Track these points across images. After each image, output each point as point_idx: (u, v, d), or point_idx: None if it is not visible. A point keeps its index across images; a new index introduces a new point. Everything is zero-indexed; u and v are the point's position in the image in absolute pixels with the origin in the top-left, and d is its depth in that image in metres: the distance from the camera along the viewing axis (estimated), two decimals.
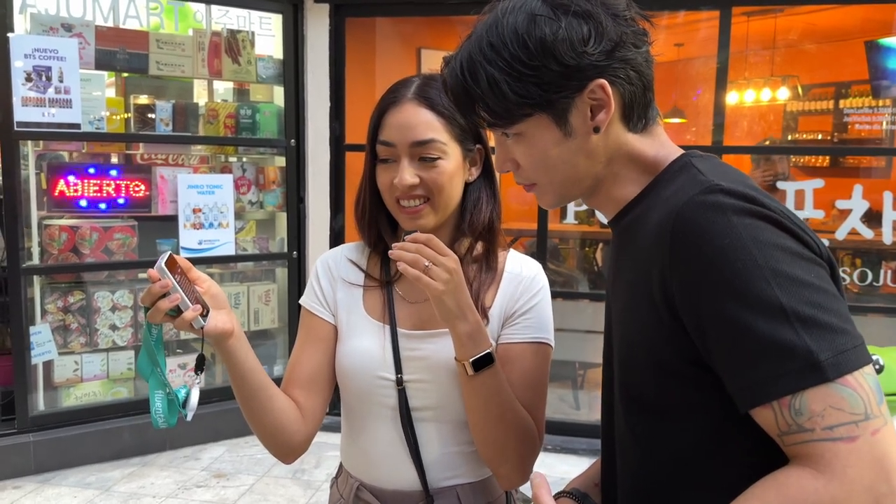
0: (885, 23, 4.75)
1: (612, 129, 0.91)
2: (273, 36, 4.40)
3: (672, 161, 0.93)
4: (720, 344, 0.78)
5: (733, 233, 0.76)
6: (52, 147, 3.98)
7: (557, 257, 5.09)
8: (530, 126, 0.91)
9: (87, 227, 3.85)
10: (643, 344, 0.87)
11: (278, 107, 4.32)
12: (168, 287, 1.04)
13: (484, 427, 1.17)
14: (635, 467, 0.93)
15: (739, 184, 0.81)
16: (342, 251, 1.35)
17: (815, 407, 0.73)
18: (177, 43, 4.05)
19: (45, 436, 3.70)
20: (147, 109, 4.03)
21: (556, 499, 1.07)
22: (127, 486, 3.56)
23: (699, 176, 0.85)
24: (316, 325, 1.29)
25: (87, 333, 3.94)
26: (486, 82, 0.89)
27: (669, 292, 0.81)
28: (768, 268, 0.75)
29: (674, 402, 0.86)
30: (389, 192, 1.21)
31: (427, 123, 1.19)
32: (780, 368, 0.74)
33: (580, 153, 0.91)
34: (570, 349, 4.54)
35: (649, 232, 0.86)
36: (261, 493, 3.49)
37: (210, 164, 4.37)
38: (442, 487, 1.23)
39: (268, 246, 4.45)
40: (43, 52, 3.55)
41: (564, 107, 0.89)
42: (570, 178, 0.94)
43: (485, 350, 1.12)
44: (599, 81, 0.87)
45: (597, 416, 4.66)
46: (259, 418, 1.20)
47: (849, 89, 5.31)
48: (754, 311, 0.74)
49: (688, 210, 0.80)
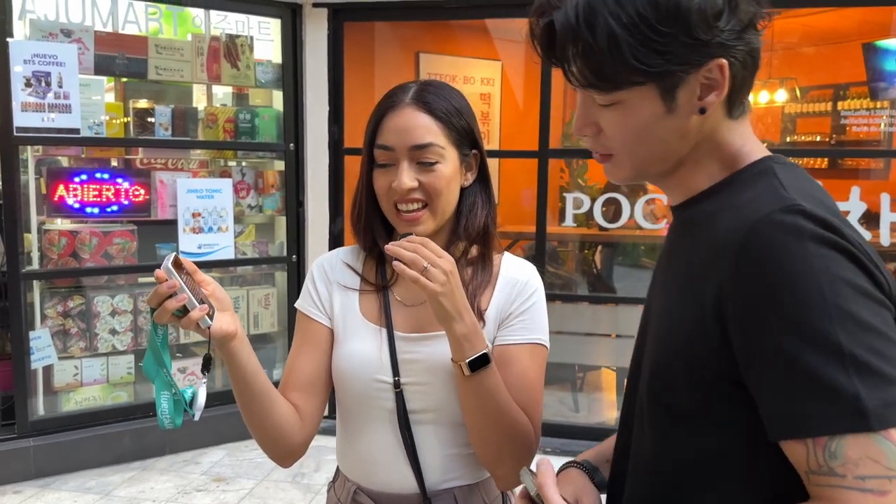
0: (882, 25, 4.76)
1: (713, 112, 0.85)
2: (272, 41, 4.41)
3: (753, 161, 0.87)
4: (766, 369, 0.75)
5: (806, 261, 0.73)
6: (51, 152, 3.98)
7: (556, 260, 5.10)
8: (634, 95, 0.83)
9: (86, 232, 3.86)
10: (682, 351, 0.83)
11: (277, 111, 4.32)
12: (175, 287, 1.05)
13: (481, 428, 1.18)
14: (650, 463, 0.91)
15: (821, 206, 0.77)
16: (338, 255, 1.35)
17: (851, 454, 0.71)
18: (176, 48, 4.06)
19: (45, 440, 3.70)
20: (146, 114, 4.04)
21: (566, 468, 1.08)
22: (127, 490, 3.56)
23: (781, 190, 0.80)
24: (312, 328, 1.29)
25: (86, 338, 3.94)
26: (605, 38, 0.79)
27: (724, 306, 0.78)
28: (834, 304, 0.72)
29: (702, 414, 0.83)
30: (387, 197, 1.21)
31: (426, 127, 1.20)
32: (823, 407, 0.71)
33: (676, 132, 0.85)
34: (569, 352, 4.54)
35: (716, 237, 0.81)
36: (260, 497, 3.49)
37: (209, 169, 4.38)
38: (439, 490, 1.24)
39: (267, 250, 4.45)
40: (42, 57, 3.55)
41: (677, 81, 0.82)
42: (657, 156, 0.88)
43: (480, 351, 1.13)
44: (720, 61, 0.81)
45: (595, 419, 4.69)
46: (259, 421, 1.21)
47: (847, 91, 5.32)
48: (810, 344, 0.72)
49: (763, 227, 0.75)
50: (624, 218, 4.08)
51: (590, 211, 4.14)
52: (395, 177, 1.19)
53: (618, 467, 1.01)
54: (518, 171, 5.66)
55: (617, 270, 5.20)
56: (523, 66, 6.00)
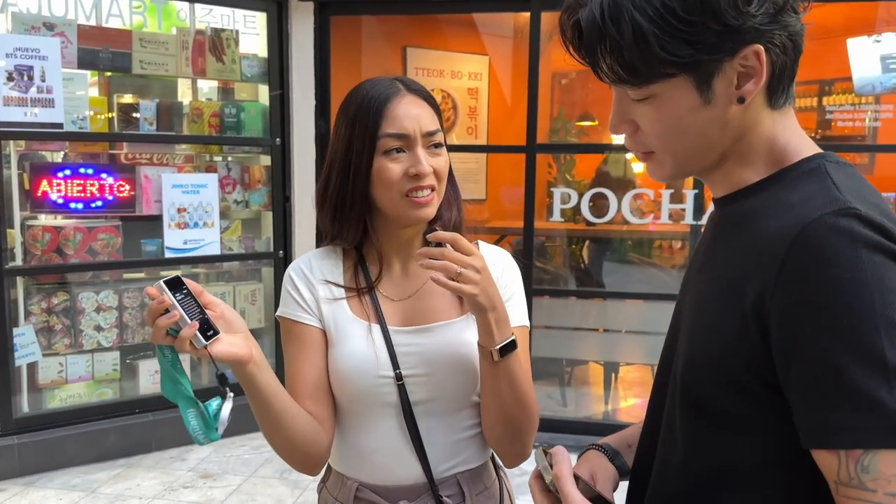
0: (867, 20, 4.78)
1: (754, 102, 0.82)
2: (257, 34, 4.38)
3: (803, 159, 0.84)
4: (805, 375, 0.73)
5: (858, 268, 0.70)
6: (34, 147, 3.94)
7: (544, 255, 5.11)
8: (668, 88, 0.80)
9: (70, 228, 3.82)
10: (718, 351, 0.81)
11: (263, 105, 4.30)
12: (165, 304, 1.03)
13: (506, 409, 1.20)
14: (677, 461, 0.89)
15: (876, 210, 0.75)
16: (314, 257, 1.33)
17: (884, 469, 0.69)
18: (160, 42, 4.03)
19: (29, 438, 3.67)
20: (131, 109, 4.00)
21: (587, 450, 1.09)
22: (113, 487, 3.53)
23: (834, 191, 0.77)
24: (304, 333, 1.27)
25: (71, 335, 3.91)
26: (631, 32, 0.77)
27: (766, 309, 0.75)
28: (884, 315, 0.69)
29: (735, 416, 0.81)
30: (399, 185, 1.20)
31: (430, 115, 1.24)
32: (861, 420, 0.69)
33: (715, 124, 0.82)
34: (557, 346, 4.55)
35: (762, 237, 0.78)
36: (248, 494, 3.48)
37: (195, 164, 4.35)
38: (445, 477, 1.26)
39: (253, 245, 4.43)
40: (24, 51, 3.51)
41: (711, 70, 0.79)
42: (698, 150, 0.85)
43: (510, 337, 1.15)
44: (755, 47, 0.78)
45: (583, 413, 4.71)
46: (284, 438, 1.20)
47: (832, 87, 5.34)
48: (854, 354, 0.69)
49: (815, 230, 0.73)
50: (611, 213, 4.09)
51: (577, 206, 4.14)
52: (409, 163, 1.20)
53: (641, 466, 1.00)
54: (505, 166, 5.66)
55: (604, 265, 5.21)
56: (511, 61, 5.99)
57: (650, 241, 5.38)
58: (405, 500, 1.25)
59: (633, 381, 4.90)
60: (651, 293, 4.56)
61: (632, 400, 4.74)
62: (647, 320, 4.33)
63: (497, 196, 5.95)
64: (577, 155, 5.63)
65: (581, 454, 1.09)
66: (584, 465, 1.05)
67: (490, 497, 1.31)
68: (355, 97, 1.24)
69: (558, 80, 6.75)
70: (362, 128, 1.21)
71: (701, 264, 0.92)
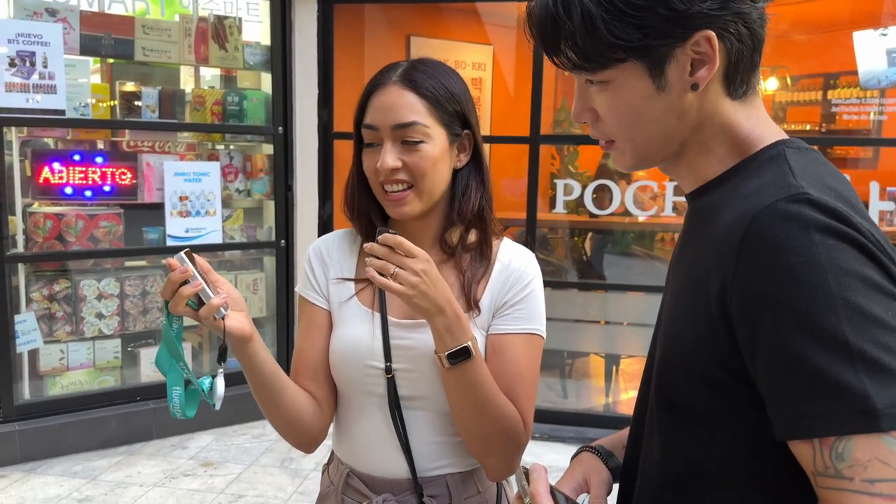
0: (873, 14, 4.75)
1: (711, 91, 0.82)
2: (260, 22, 4.36)
3: (765, 146, 0.83)
4: (771, 366, 0.72)
5: (811, 252, 0.69)
6: (36, 133, 3.93)
7: (546, 247, 5.10)
8: (620, 74, 0.81)
9: (72, 215, 3.82)
10: (689, 348, 0.81)
11: (266, 94, 4.28)
12: (188, 274, 1.04)
13: (465, 419, 1.17)
14: (657, 459, 0.89)
15: (832, 194, 0.74)
16: (334, 238, 1.34)
17: (859, 455, 0.67)
18: (163, 28, 4.01)
19: (30, 425, 3.68)
20: (133, 96, 3.99)
21: (580, 452, 1.07)
22: (114, 474, 3.54)
23: (788, 177, 0.76)
24: (314, 313, 1.29)
25: (72, 322, 3.91)
26: (580, 17, 0.79)
27: (728, 301, 0.74)
28: (841, 297, 0.68)
29: (709, 412, 0.80)
30: (374, 178, 1.20)
31: (410, 106, 1.17)
32: (829, 407, 0.68)
33: (671, 112, 0.82)
34: (558, 338, 4.55)
35: (720, 229, 0.78)
36: (248, 482, 3.49)
37: (197, 152, 4.34)
38: (431, 476, 1.23)
39: (255, 234, 4.42)
40: (27, 37, 3.50)
41: (662, 57, 0.79)
42: (656, 138, 0.85)
43: (462, 344, 1.11)
44: (706, 33, 0.78)
45: (584, 405, 4.71)
46: (282, 416, 1.21)
47: (837, 80, 5.32)
48: (815, 340, 0.68)
49: (766, 217, 0.72)
50: (614, 205, 4.07)
51: (580, 198, 4.13)
52: (378, 157, 1.18)
53: (628, 466, 0.99)
54: (508, 157, 5.64)
55: (606, 257, 5.21)
56: (515, 51, 5.96)
57: (652, 233, 5.37)
58: (389, 494, 1.23)
59: (634, 374, 4.90)
60: (653, 286, 4.55)
61: (632, 392, 4.72)
62: (648, 313, 4.32)
63: (500, 187, 5.94)
64: (581, 146, 5.62)
65: (574, 456, 1.08)
66: (577, 468, 1.03)
67: (483, 502, 1.28)
68: None
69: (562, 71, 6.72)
70: (355, 117, 1.22)
71: (675, 261, 0.92)
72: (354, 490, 1.26)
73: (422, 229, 1.25)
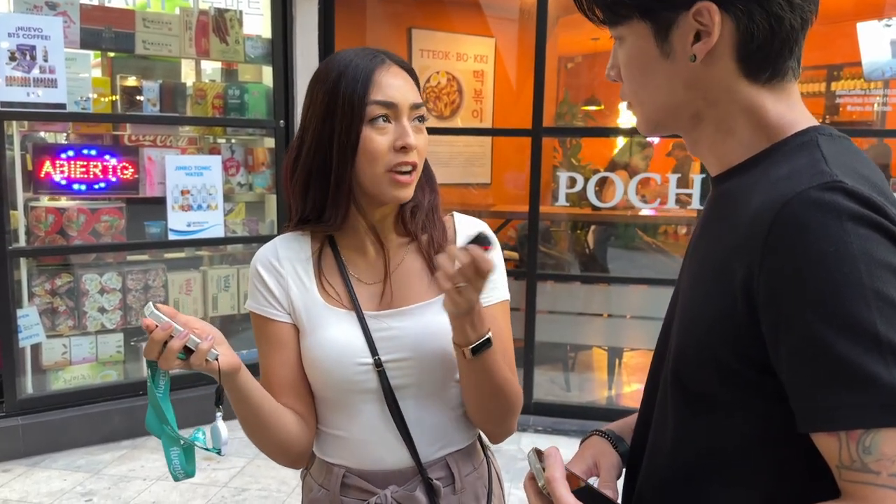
0: (877, 4, 4.73)
1: (720, 66, 0.81)
2: (261, 15, 4.34)
3: (796, 132, 0.81)
4: (797, 356, 0.70)
5: (843, 241, 0.67)
6: (37, 127, 3.92)
7: (549, 240, 5.08)
8: (631, 33, 0.84)
9: (74, 209, 3.81)
10: (709, 335, 0.79)
11: (267, 87, 4.27)
12: (171, 329, 1.01)
13: (481, 401, 1.20)
14: (667, 446, 0.88)
15: (866, 183, 0.72)
16: (278, 246, 1.27)
17: (887, 450, 0.66)
18: (164, 22, 3.99)
19: (33, 419, 3.68)
20: (134, 90, 3.98)
21: (590, 436, 1.08)
22: (117, 468, 3.55)
23: (821, 164, 0.74)
24: (274, 329, 1.23)
25: (75, 316, 3.91)
26: None
27: (754, 288, 0.73)
28: (872, 288, 0.66)
29: (726, 402, 0.79)
30: (383, 158, 1.14)
31: (414, 89, 1.20)
32: (858, 399, 0.66)
33: (677, 79, 0.82)
34: (560, 331, 4.55)
35: (748, 215, 0.76)
36: (252, 476, 3.49)
37: (198, 146, 4.33)
38: (433, 460, 1.24)
39: (257, 228, 4.42)
40: (27, 30, 3.49)
41: (668, 22, 0.80)
42: (664, 104, 0.85)
43: (484, 336, 1.11)
44: (706, 3, 0.77)
45: (586, 398, 4.70)
46: (272, 438, 1.21)
47: (841, 71, 5.30)
48: (844, 330, 0.67)
49: (798, 204, 0.70)
50: (617, 198, 4.06)
51: (583, 190, 4.12)
52: (396, 135, 1.14)
53: (635, 452, 0.98)
54: (511, 149, 5.62)
55: (609, 250, 5.20)
56: (517, 44, 5.94)
57: (655, 226, 5.36)
58: (394, 485, 1.22)
59: (637, 367, 4.89)
60: (656, 278, 4.54)
61: (635, 385, 4.73)
62: (651, 306, 4.32)
63: (502, 180, 5.93)
64: (583, 139, 5.60)
65: (584, 440, 1.08)
66: (586, 451, 1.03)
67: (479, 477, 1.29)
68: (335, 65, 1.17)
69: (564, 64, 6.70)
70: (348, 95, 1.13)
71: (695, 246, 0.90)
72: (355, 489, 1.24)
73: (391, 211, 1.23)
